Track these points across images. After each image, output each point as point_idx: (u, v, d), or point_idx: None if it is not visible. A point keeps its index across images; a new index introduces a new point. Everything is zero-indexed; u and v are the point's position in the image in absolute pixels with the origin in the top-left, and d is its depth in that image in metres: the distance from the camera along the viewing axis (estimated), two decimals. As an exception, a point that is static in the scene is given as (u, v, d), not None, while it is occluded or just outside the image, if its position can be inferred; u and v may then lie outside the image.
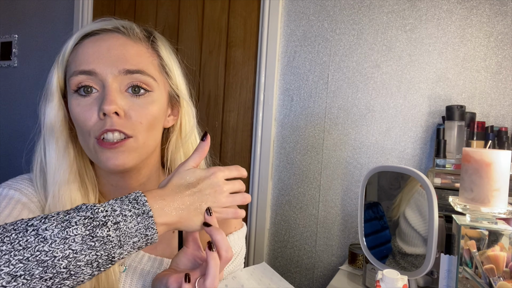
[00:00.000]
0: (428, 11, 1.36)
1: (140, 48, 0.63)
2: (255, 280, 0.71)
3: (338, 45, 1.49)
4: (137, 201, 0.49)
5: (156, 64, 0.65)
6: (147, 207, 0.49)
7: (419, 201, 0.84)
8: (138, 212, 0.48)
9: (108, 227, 0.46)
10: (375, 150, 1.44)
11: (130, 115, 0.60)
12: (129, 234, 0.47)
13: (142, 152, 0.63)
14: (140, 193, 0.50)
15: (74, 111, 0.61)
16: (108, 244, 0.46)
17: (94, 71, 0.59)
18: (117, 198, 0.49)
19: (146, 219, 0.48)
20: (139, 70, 0.61)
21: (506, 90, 1.26)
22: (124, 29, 0.63)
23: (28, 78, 2.24)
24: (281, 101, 1.60)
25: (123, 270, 0.66)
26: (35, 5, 2.21)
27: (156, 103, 0.63)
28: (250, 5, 1.66)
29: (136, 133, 0.61)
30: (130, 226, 0.47)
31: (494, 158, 0.73)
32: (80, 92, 0.60)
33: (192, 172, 0.54)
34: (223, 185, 0.55)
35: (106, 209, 0.47)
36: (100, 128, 0.59)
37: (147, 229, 0.48)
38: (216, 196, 0.54)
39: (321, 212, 1.53)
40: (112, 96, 0.58)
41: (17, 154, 2.29)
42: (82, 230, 0.45)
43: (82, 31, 0.64)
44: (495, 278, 0.71)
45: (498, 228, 0.73)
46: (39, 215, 0.46)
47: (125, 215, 0.47)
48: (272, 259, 1.63)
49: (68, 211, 0.47)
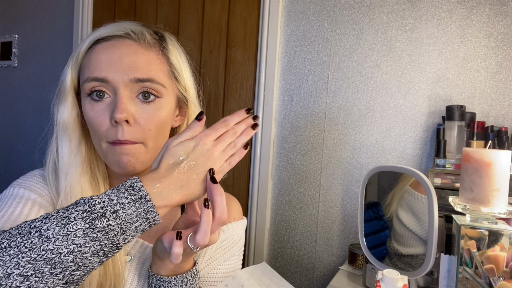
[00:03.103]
0: (428, 11, 1.36)
1: (150, 55, 0.66)
2: (255, 280, 0.71)
3: (338, 45, 1.49)
4: (133, 187, 0.50)
5: (165, 70, 0.68)
6: (143, 191, 0.50)
7: (409, 201, 0.84)
8: (135, 198, 0.49)
9: (107, 217, 0.47)
10: (375, 150, 1.44)
11: (139, 122, 0.64)
12: (129, 220, 0.49)
13: (152, 155, 0.66)
14: (136, 179, 0.51)
15: (88, 115, 0.65)
16: (110, 233, 0.47)
17: (106, 79, 0.63)
18: (113, 188, 0.50)
19: (144, 203, 0.49)
20: (149, 79, 0.64)
21: (506, 90, 1.26)
22: (135, 36, 0.66)
23: (28, 78, 2.24)
24: (281, 101, 1.60)
25: (129, 260, 0.69)
26: (35, 5, 2.21)
27: (164, 109, 0.66)
28: (250, 5, 1.66)
29: (145, 140, 0.64)
30: (129, 213, 0.49)
31: (494, 158, 0.73)
32: (93, 97, 0.64)
33: (181, 146, 0.54)
34: (213, 148, 0.55)
35: (103, 200, 0.48)
36: (112, 136, 0.63)
37: (147, 213, 0.50)
38: (210, 161, 0.55)
39: (321, 212, 1.53)
40: (123, 104, 0.62)
41: (17, 154, 2.29)
42: (82, 224, 0.46)
43: (95, 35, 0.67)
44: (495, 278, 0.71)
45: (498, 228, 0.73)
46: (41, 216, 0.48)
47: (123, 203, 0.49)
48: (272, 259, 1.63)
49: (67, 207, 0.48)
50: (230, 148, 0.57)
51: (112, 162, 0.64)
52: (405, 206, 0.85)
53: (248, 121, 0.59)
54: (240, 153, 0.58)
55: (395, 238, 0.87)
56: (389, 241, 0.89)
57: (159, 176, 0.52)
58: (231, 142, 0.57)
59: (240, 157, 0.58)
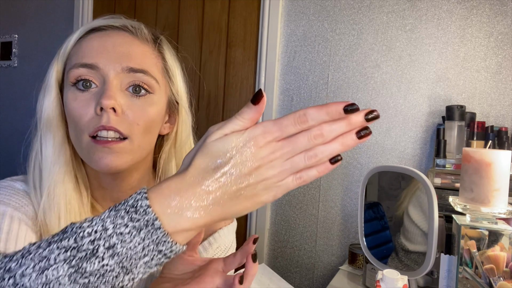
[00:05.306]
0: (428, 11, 1.36)
1: (146, 48, 0.62)
2: (254, 281, 0.71)
3: (338, 45, 1.49)
4: (136, 208, 0.36)
5: (160, 66, 0.63)
6: (150, 215, 0.36)
7: (420, 198, 0.84)
8: (138, 225, 0.36)
9: (100, 256, 0.35)
10: (375, 150, 1.43)
11: (127, 114, 0.57)
12: (133, 256, 0.36)
13: (136, 155, 0.59)
14: (142, 194, 0.37)
15: (70, 106, 0.57)
16: (107, 275, 0.35)
17: (96, 65, 0.57)
18: (111, 208, 0.37)
19: (153, 232, 0.36)
20: (142, 70, 0.59)
21: (506, 90, 1.26)
22: (132, 28, 0.62)
23: (28, 78, 2.24)
24: (281, 101, 1.60)
25: None
26: (35, 5, 2.21)
27: (155, 106, 0.61)
28: (250, 5, 1.66)
29: (131, 135, 0.58)
30: (131, 246, 0.35)
31: (494, 158, 0.73)
32: (78, 86, 0.58)
33: (223, 142, 0.37)
34: (270, 154, 0.37)
35: (95, 229, 0.35)
36: (95, 124, 0.55)
37: (158, 244, 0.36)
38: (262, 172, 0.37)
39: (321, 212, 1.53)
40: (112, 91, 0.56)
41: (17, 154, 2.28)
42: (65, 269, 0.34)
43: (88, 25, 0.62)
44: (495, 278, 0.71)
45: (498, 228, 0.73)
46: (23, 248, 0.37)
47: (121, 233, 0.35)
48: (272, 259, 1.63)
49: (50, 239, 0.37)
50: (305, 158, 0.37)
51: (92, 160, 0.57)
52: (416, 203, 0.85)
53: (352, 121, 0.37)
54: (322, 168, 0.38)
55: (404, 234, 0.87)
56: (397, 237, 0.89)
57: (184, 185, 0.37)
58: (308, 149, 0.37)
59: (320, 172, 0.38)
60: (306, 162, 0.37)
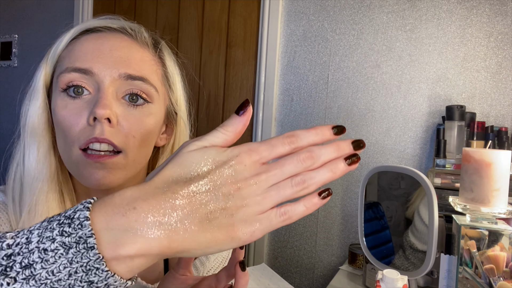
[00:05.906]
0: (428, 11, 1.36)
1: (145, 54, 0.57)
2: (253, 281, 0.71)
3: (338, 45, 1.49)
4: (72, 219, 0.28)
5: (160, 74, 0.58)
6: (86, 228, 0.27)
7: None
8: (69, 241, 0.27)
9: (12, 277, 0.26)
10: (375, 150, 1.43)
11: (123, 125, 0.52)
12: (54, 285, 0.27)
13: (130, 171, 0.54)
14: (86, 203, 0.29)
15: (59, 114, 0.52)
16: None
17: (91, 70, 0.51)
18: (48, 218, 0.30)
19: (83, 253, 0.27)
20: (141, 77, 0.54)
21: (506, 90, 1.26)
22: (132, 31, 0.57)
23: (28, 78, 2.24)
24: (281, 101, 1.60)
25: None
26: (35, 5, 2.21)
27: (153, 117, 0.55)
28: (250, 5, 1.66)
29: (126, 148, 0.52)
30: (54, 271, 0.27)
31: (494, 158, 0.73)
32: (69, 93, 0.52)
33: (201, 152, 0.32)
34: (254, 177, 0.32)
35: (17, 241, 0.28)
36: (87, 136, 0.50)
37: (89, 272, 0.27)
38: (240, 198, 0.31)
39: (321, 212, 1.53)
40: (107, 100, 0.50)
41: (17, 154, 2.29)
42: None
43: (83, 26, 0.56)
44: (495, 278, 0.71)
45: (498, 228, 0.72)
46: None
47: (45, 249, 0.27)
48: (272, 259, 1.63)
49: None
50: (292, 184, 0.32)
51: (82, 175, 0.51)
52: (426, 203, 0.85)
53: (341, 147, 0.34)
54: (309, 203, 0.33)
55: (413, 232, 0.87)
56: (406, 234, 0.88)
57: (142, 194, 0.30)
58: (295, 174, 0.33)
59: (310, 209, 0.33)
60: (293, 188, 0.32)
